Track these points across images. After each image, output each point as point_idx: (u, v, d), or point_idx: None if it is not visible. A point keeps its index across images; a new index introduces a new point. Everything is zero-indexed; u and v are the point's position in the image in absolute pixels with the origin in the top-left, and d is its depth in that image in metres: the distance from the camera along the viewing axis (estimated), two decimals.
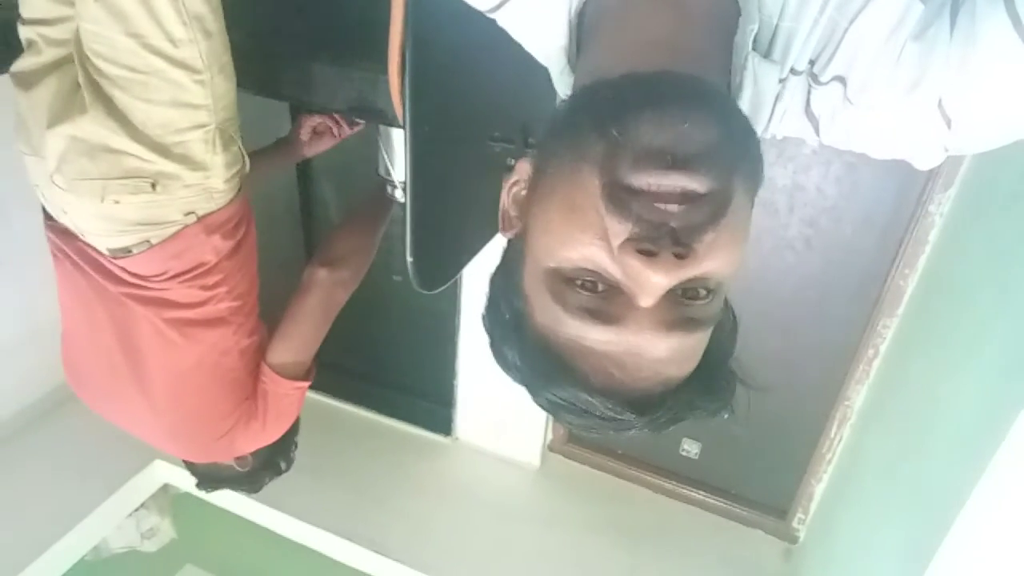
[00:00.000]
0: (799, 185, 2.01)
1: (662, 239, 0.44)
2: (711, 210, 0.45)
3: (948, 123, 0.52)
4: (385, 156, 1.32)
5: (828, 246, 2.07)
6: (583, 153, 0.47)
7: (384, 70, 0.91)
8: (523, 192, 0.56)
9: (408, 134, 0.91)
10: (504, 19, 0.61)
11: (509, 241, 0.58)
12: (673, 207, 0.45)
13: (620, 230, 0.45)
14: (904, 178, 1.88)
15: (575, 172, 0.47)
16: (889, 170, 1.90)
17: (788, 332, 2.19)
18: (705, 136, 0.44)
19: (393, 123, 1.19)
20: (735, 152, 0.46)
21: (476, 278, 2.04)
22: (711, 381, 0.53)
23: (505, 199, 0.58)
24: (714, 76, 0.54)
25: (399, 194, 1.38)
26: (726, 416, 0.57)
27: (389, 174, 1.35)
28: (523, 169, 0.56)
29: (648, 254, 0.44)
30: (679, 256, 0.44)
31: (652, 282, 0.45)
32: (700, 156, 0.44)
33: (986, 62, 0.48)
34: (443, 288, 1.18)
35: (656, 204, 0.45)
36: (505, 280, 0.57)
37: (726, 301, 0.57)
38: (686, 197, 0.45)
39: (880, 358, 2.05)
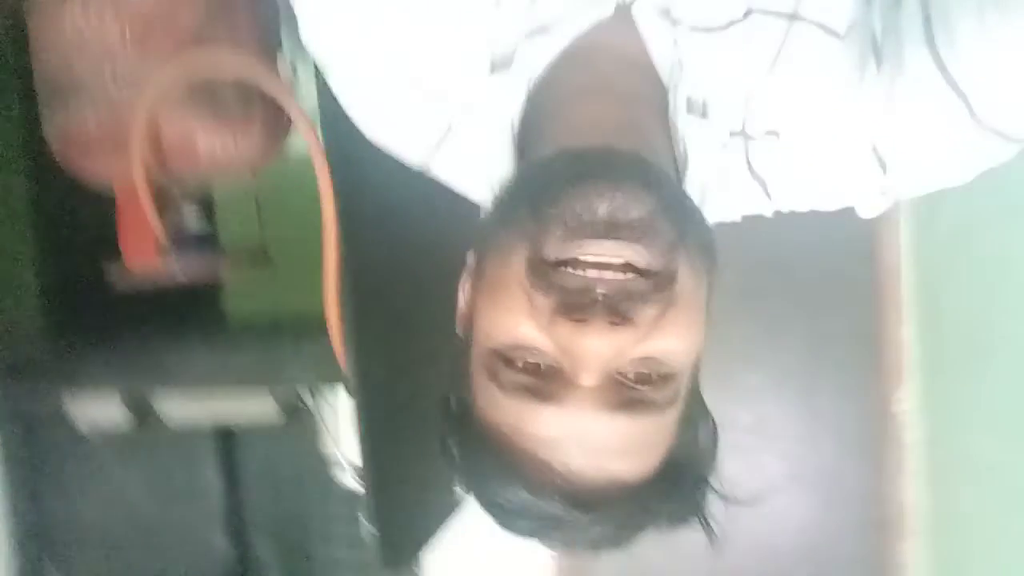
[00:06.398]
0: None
1: (593, 307, 0.42)
2: (651, 284, 0.43)
3: (883, 167, 0.53)
4: (326, 429, 1.20)
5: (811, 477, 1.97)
6: (514, 233, 0.46)
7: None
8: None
9: (360, 425, 0.88)
10: (442, 163, 0.60)
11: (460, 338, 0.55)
12: (594, 272, 0.43)
13: (544, 303, 0.44)
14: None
15: (506, 253, 0.46)
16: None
17: None
18: (638, 208, 0.43)
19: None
20: (674, 226, 0.44)
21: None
22: (673, 485, 0.48)
23: (461, 298, 0.55)
24: (657, 150, 0.54)
25: (348, 478, 1.23)
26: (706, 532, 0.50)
27: (334, 450, 1.22)
28: (471, 263, 0.54)
29: (579, 321, 0.42)
30: (614, 324, 0.42)
31: (587, 347, 0.42)
32: (633, 227, 0.43)
33: (913, 106, 0.50)
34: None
35: (576, 272, 0.43)
36: (454, 373, 0.53)
37: (705, 410, 0.52)
38: (623, 269, 0.43)
39: None
